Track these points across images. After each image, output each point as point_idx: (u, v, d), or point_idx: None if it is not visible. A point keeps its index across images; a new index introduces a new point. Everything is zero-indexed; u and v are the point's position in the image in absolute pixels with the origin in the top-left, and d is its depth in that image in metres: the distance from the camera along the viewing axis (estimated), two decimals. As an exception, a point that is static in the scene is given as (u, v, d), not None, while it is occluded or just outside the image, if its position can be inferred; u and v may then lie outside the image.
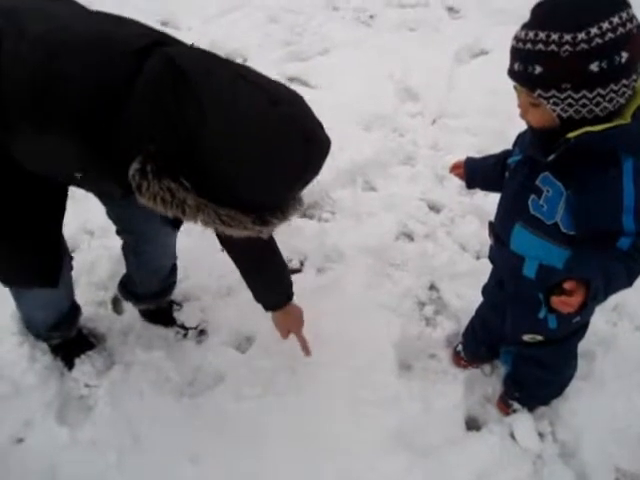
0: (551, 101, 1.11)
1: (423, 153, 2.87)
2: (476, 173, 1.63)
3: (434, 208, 2.58)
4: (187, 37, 3.89)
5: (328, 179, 2.67)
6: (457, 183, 2.68)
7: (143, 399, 1.88)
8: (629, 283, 1.25)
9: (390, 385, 1.90)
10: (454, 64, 3.55)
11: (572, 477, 1.70)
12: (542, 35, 1.05)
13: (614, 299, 2.05)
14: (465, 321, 1.97)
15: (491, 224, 1.55)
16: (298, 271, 2.32)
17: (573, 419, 1.81)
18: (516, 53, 1.12)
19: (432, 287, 2.25)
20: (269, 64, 3.56)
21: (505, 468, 1.70)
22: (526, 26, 1.10)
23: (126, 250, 1.87)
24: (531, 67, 1.09)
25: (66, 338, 1.94)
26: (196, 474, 1.72)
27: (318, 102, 3.36)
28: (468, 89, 3.28)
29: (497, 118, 2.93)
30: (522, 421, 1.79)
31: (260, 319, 2.08)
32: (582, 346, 1.75)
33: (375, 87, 3.27)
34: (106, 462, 1.74)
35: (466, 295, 2.13)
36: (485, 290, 1.76)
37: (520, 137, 1.44)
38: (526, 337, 1.61)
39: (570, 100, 1.09)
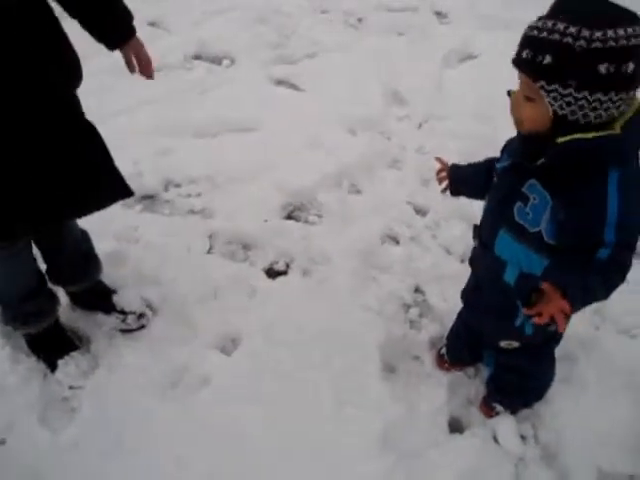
0: (552, 95, 1.11)
1: (410, 156, 2.89)
2: (460, 180, 1.65)
3: (420, 211, 2.60)
4: (176, 38, 3.93)
5: (315, 182, 2.69)
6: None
7: (128, 401, 1.87)
8: (606, 295, 1.28)
9: (374, 387, 1.90)
10: (442, 68, 3.58)
11: (553, 479, 1.71)
12: (560, 26, 1.05)
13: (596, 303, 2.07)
14: (449, 324, 1.98)
15: (476, 227, 1.56)
16: (284, 273, 2.33)
17: (555, 421, 1.82)
18: (528, 41, 1.12)
19: (417, 290, 2.26)
20: (257, 66, 3.59)
21: (487, 470, 1.71)
22: (546, 17, 1.10)
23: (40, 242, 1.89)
24: (541, 56, 1.08)
25: (45, 326, 1.93)
26: (181, 477, 1.71)
27: (306, 105, 3.43)
28: (455, 93, 3.31)
29: (484, 122, 2.96)
30: (505, 424, 1.80)
31: (246, 322, 2.10)
32: (564, 349, 1.76)
33: (363, 90, 3.29)
34: (90, 465, 1.73)
35: (451, 298, 2.14)
36: (464, 294, 1.77)
37: (509, 143, 1.45)
38: (503, 343, 1.62)
39: (570, 98, 1.10)
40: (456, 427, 1.86)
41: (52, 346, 1.96)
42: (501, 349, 1.65)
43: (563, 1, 1.11)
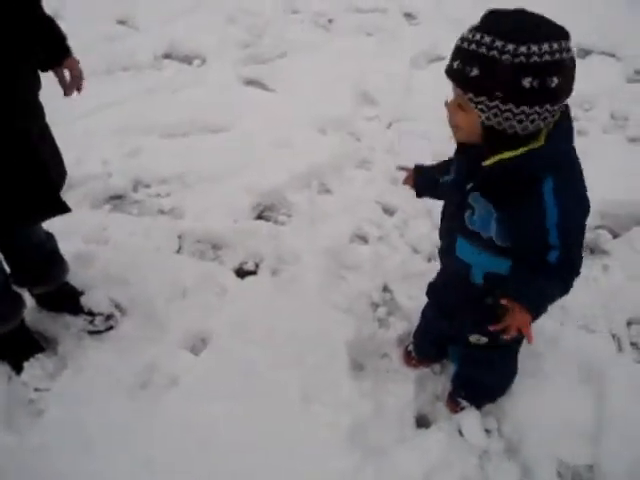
0: (479, 107, 1.14)
1: (379, 157, 2.92)
2: (423, 184, 1.69)
3: (388, 211, 2.63)
4: (146, 37, 3.90)
5: (284, 182, 2.70)
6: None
7: (96, 403, 1.86)
8: (565, 291, 1.34)
9: (343, 385, 1.92)
10: (411, 69, 3.62)
11: (516, 471, 1.76)
12: (487, 39, 1.07)
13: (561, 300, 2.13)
14: (417, 321, 2.01)
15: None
16: (253, 273, 2.34)
17: (518, 415, 1.87)
18: (459, 52, 1.14)
19: (385, 289, 2.29)
20: (227, 66, 3.59)
21: (453, 464, 1.75)
22: (476, 28, 1.11)
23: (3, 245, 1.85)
24: (469, 68, 1.11)
25: (9, 328, 1.91)
26: (149, 479, 1.70)
27: (276, 105, 3.44)
28: (424, 94, 3.34)
29: (451, 123, 3.00)
30: (469, 418, 1.84)
31: (215, 321, 2.10)
32: (529, 345, 1.81)
33: (332, 91, 3.31)
34: (57, 468, 1.71)
35: (418, 296, 2.17)
36: (431, 290, 1.81)
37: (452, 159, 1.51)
38: (472, 338, 1.66)
39: (496, 110, 1.12)
40: (423, 422, 1.90)
41: (17, 348, 1.94)
42: (469, 344, 1.68)
43: (492, 15, 1.13)
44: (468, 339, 1.66)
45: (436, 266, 2.29)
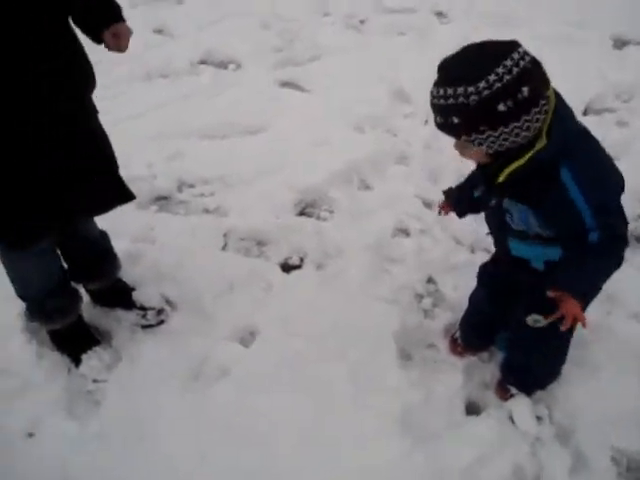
0: (476, 142, 1.24)
1: (417, 152, 2.94)
2: (459, 204, 1.76)
3: (429, 205, 2.64)
4: (182, 44, 3.97)
5: (325, 179, 2.74)
6: (450, 181, 2.74)
7: (149, 394, 1.92)
8: (618, 265, 1.36)
9: (391, 375, 1.94)
10: (444, 66, 3.62)
11: (568, 457, 1.75)
12: (450, 91, 1.17)
13: (607, 289, 2.11)
14: (462, 311, 2.03)
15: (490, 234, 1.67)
16: (298, 267, 2.38)
17: (569, 402, 1.86)
18: (434, 108, 1.25)
19: (430, 280, 2.30)
20: (262, 70, 3.66)
21: (504, 450, 1.75)
22: (437, 84, 1.22)
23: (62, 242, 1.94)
24: (450, 119, 1.21)
25: (69, 322, 1.98)
26: (201, 469, 1.74)
27: (312, 105, 3.47)
28: (458, 90, 3.35)
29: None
30: (520, 405, 1.84)
31: (263, 315, 2.14)
32: (577, 334, 1.80)
33: (367, 90, 3.34)
34: (114, 456, 1.77)
35: (463, 287, 2.18)
36: (484, 273, 1.84)
37: (473, 174, 1.61)
38: (529, 319, 1.63)
39: (492, 138, 1.21)
40: (472, 410, 1.90)
41: (76, 341, 2.02)
42: (524, 326, 1.67)
43: (444, 67, 1.23)
44: (525, 321, 1.65)
45: (480, 257, 2.31)
